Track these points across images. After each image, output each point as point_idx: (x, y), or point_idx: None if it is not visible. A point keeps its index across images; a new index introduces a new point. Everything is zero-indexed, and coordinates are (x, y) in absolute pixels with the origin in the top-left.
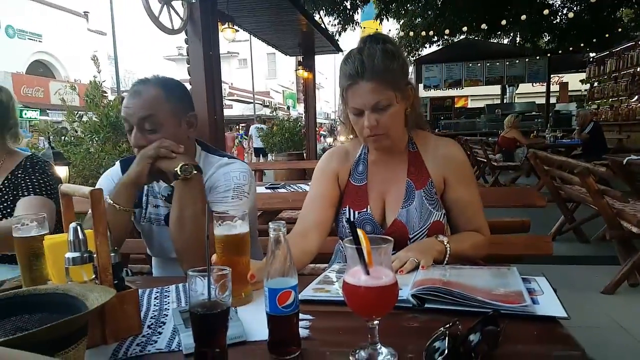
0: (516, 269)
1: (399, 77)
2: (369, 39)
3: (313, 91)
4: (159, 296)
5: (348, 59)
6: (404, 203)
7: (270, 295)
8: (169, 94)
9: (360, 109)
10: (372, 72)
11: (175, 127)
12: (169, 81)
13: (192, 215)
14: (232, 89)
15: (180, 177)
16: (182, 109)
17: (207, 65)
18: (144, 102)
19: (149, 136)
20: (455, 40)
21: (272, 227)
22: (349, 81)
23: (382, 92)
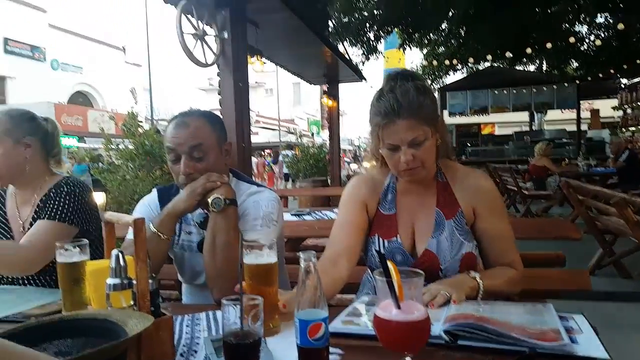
0: (552, 306)
1: (431, 111)
2: (399, 76)
3: (337, 118)
4: (190, 324)
5: (381, 97)
6: (434, 233)
7: (301, 326)
8: (212, 124)
9: (396, 145)
10: (408, 109)
11: (218, 155)
12: (209, 113)
13: (224, 244)
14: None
15: (212, 209)
16: (222, 138)
17: (236, 95)
18: (193, 131)
19: (196, 164)
20: (480, 67)
21: (303, 257)
22: (385, 119)
23: (419, 128)
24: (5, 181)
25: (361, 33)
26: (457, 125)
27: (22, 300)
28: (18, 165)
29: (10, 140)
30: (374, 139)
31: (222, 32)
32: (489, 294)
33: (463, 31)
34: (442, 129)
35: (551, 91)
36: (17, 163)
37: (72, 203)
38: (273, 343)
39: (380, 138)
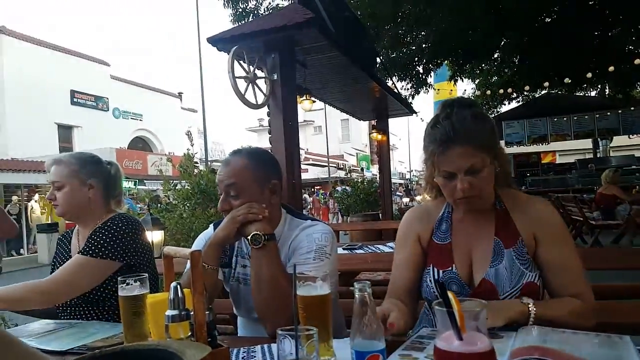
0: (630, 339)
1: (490, 138)
2: (455, 103)
3: (387, 152)
4: (246, 356)
5: (436, 124)
6: (492, 262)
7: (357, 358)
8: (255, 163)
9: (452, 173)
10: (465, 136)
11: (257, 193)
12: (258, 151)
13: (268, 278)
14: (307, 154)
15: (252, 246)
16: (265, 177)
17: (286, 134)
18: (230, 170)
19: (231, 201)
20: (537, 95)
21: (357, 287)
22: (441, 146)
23: (476, 155)
24: (69, 217)
25: (410, 67)
26: (515, 154)
27: (85, 333)
28: (81, 204)
29: (77, 181)
30: (429, 167)
31: (271, 74)
32: (543, 323)
33: (517, 59)
34: (501, 156)
35: (616, 116)
36: (80, 202)
37: (113, 238)
38: None
39: (435, 166)
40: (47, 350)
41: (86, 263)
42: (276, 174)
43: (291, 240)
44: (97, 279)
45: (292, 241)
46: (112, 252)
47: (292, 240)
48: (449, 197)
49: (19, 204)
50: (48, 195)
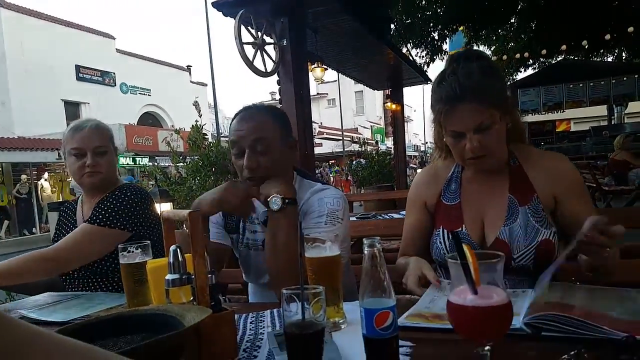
0: None
1: (499, 93)
2: (462, 57)
3: (402, 122)
4: (254, 321)
5: (442, 81)
6: (507, 221)
7: (366, 316)
8: (276, 119)
9: (460, 132)
10: (472, 92)
11: (282, 150)
12: (273, 108)
13: (284, 243)
14: (321, 127)
15: (271, 209)
16: (286, 133)
17: (298, 103)
18: (256, 125)
19: (260, 158)
20: (553, 61)
21: (367, 242)
22: (447, 105)
23: (484, 112)
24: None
25: (425, 34)
26: (530, 123)
27: (91, 304)
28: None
29: (112, 146)
30: (436, 127)
31: (281, 39)
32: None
33: (534, 24)
34: (513, 111)
35: (632, 81)
36: (114, 168)
37: (122, 208)
38: (340, 338)
39: (442, 125)
40: (48, 321)
41: (95, 231)
42: (291, 131)
43: (302, 203)
44: (107, 247)
45: (303, 204)
46: (121, 222)
47: (303, 203)
48: (459, 158)
49: (28, 183)
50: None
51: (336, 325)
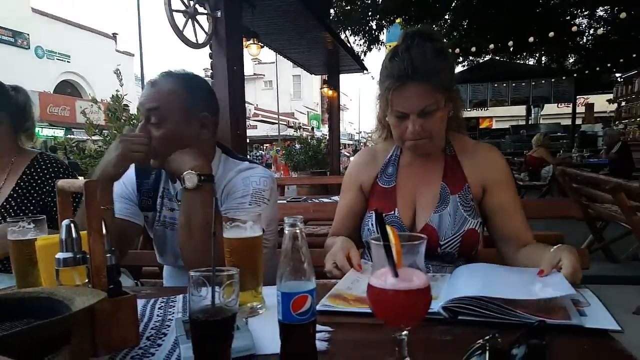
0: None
1: (447, 78)
2: (417, 35)
3: (337, 109)
4: (164, 306)
5: (394, 57)
6: (437, 207)
7: (283, 300)
8: (185, 89)
9: (405, 113)
10: (423, 73)
11: (183, 124)
12: (192, 77)
13: (200, 223)
14: (257, 109)
15: (185, 187)
16: (195, 106)
17: (231, 79)
18: (155, 93)
19: (152, 130)
20: (481, 60)
21: (288, 222)
22: (397, 82)
23: (432, 96)
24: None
25: (363, 22)
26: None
27: None
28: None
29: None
30: (383, 103)
31: (214, 10)
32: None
33: (466, 23)
34: (456, 99)
35: (549, 85)
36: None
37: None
38: (256, 323)
39: (389, 103)
40: None
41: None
42: (209, 106)
43: (226, 182)
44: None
45: (227, 184)
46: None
47: (226, 182)
48: (398, 139)
49: None
50: None
51: (254, 311)
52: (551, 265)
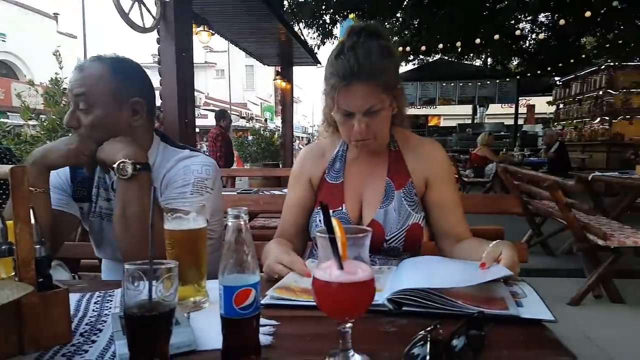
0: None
1: (393, 77)
2: (363, 32)
3: (291, 101)
4: (100, 300)
5: (340, 54)
6: (383, 203)
7: (225, 294)
8: (114, 73)
9: (351, 112)
10: (369, 73)
11: (113, 110)
12: (121, 60)
13: (137, 214)
14: (208, 98)
15: (120, 177)
16: (125, 91)
17: (179, 66)
18: (82, 78)
19: (80, 117)
20: (431, 60)
21: (231, 213)
22: (343, 82)
23: (377, 96)
24: None
25: (317, 15)
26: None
27: None
28: None
29: None
30: (328, 100)
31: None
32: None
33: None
34: (401, 97)
35: (494, 86)
36: None
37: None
38: (198, 318)
39: (334, 101)
40: None
41: None
42: (142, 90)
43: (165, 171)
44: None
45: (166, 173)
46: None
47: (165, 171)
48: (345, 135)
49: None
50: None
51: (197, 305)
52: (492, 258)
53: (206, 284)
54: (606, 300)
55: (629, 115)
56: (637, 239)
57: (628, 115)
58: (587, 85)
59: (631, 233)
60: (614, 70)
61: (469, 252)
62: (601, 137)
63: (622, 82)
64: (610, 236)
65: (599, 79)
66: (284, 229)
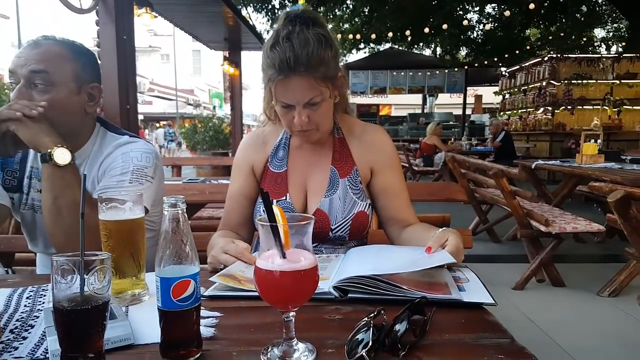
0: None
1: (332, 67)
2: (298, 20)
3: (240, 88)
4: (33, 295)
5: (276, 45)
6: (327, 192)
7: (162, 286)
8: (76, 56)
9: (290, 104)
10: (306, 65)
11: (71, 93)
12: (78, 44)
13: (69, 204)
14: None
15: (53, 162)
16: (86, 76)
17: (120, 49)
18: (42, 54)
19: (35, 94)
20: (381, 48)
21: (168, 202)
22: (280, 75)
23: (316, 88)
24: None
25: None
26: (359, 104)
27: None
28: None
29: None
30: (267, 93)
31: None
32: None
33: (367, 10)
34: (341, 84)
35: (443, 75)
36: None
37: None
38: (137, 312)
39: (273, 94)
40: None
41: None
42: (97, 77)
43: (102, 158)
44: None
45: (104, 160)
46: None
47: (103, 158)
48: (287, 127)
49: None
50: None
51: (136, 298)
52: (439, 244)
53: (145, 277)
54: (548, 284)
55: (570, 106)
56: (576, 226)
57: (569, 105)
58: (532, 75)
59: (571, 219)
60: (556, 62)
61: (416, 237)
62: (544, 126)
63: (564, 74)
64: (552, 222)
65: (542, 70)
66: (229, 220)
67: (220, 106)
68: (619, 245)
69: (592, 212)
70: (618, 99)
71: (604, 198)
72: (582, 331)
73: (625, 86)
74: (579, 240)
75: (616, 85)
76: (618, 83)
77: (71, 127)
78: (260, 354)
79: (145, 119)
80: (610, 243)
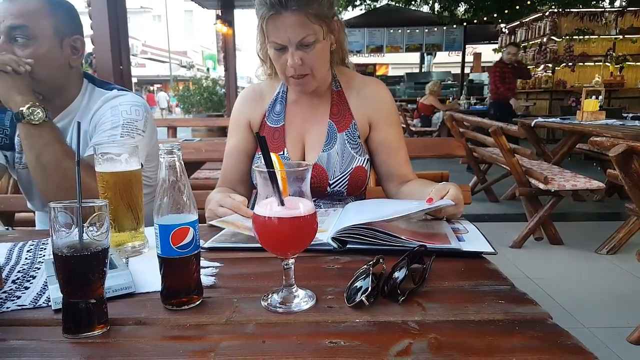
0: None
1: (326, 7)
2: None
3: (233, 48)
4: (34, 249)
5: None
6: (325, 146)
7: (162, 233)
8: (54, 9)
9: (283, 45)
10: (298, 1)
11: (54, 47)
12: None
13: (52, 161)
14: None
15: (26, 121)
16: (67, 28)
17: (111, 9)
18: (21, 9)
19: (16, 49)
20: (378, 5)
21: (164, 149)
22: (271, 11)
23: (309, 26)
24: None
25: None
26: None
27: None
28: None
29: None
30: (260, 35)
31: None
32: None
33: None
34: (338, 31)
35: (441, 33)
36: None
37: None
38: (138, 263)
39: (265, 35)
40: None
41: None
42: (80, 30)
43: (92, 113)
44: None
45: (94, 114)
46: None
47: (93, 113)
48: (281, 74)
49: None
50: None
51: (136, 250)
52: (439, 195)
53: (144, 230)
54: (546, 242)
55: (571, 63)
56: (575, 183)
57: (570, 62)
58: (532, 32)
59: (570, 177)
60: (557, 17)
61: (415, 192)
62: (544, 84)
63: (565, 29)
64: (551, 180)
65: (543, 26)
66: (227, 177)
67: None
68: (618, 203)
69: (592, 171)
70: (621, 55)
71: (603, 156)
72: (580, 288)
73: (628, 41)
74: (578, 198)
75: (619, 41)
76: (621, 38)
77: (57, 83)
78: (261, 300)
79: (139, 82)
80: (609, 201)
